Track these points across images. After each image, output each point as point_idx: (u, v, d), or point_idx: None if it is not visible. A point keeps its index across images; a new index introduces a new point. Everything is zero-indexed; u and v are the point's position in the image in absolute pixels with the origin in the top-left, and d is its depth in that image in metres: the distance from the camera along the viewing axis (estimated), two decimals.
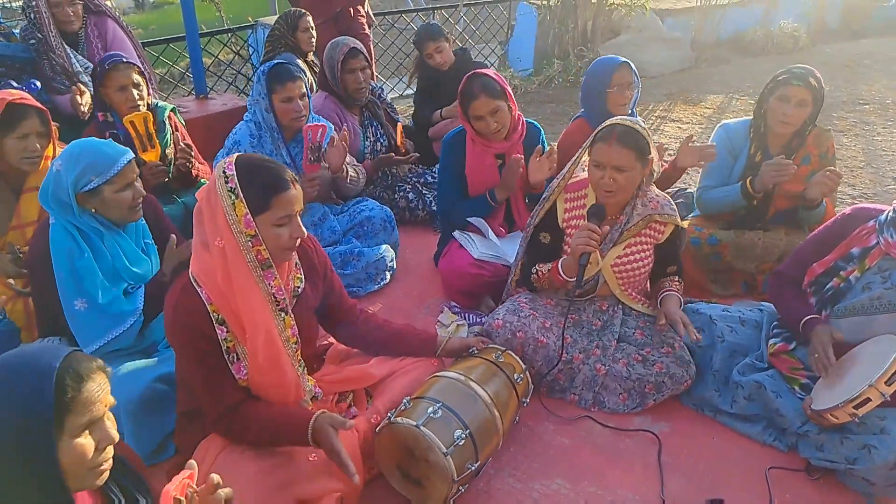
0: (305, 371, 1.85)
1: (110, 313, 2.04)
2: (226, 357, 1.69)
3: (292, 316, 1.78)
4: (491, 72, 2.71)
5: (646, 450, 2.12)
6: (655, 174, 2.31)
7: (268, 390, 1.76)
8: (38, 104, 2.41)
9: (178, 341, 1.69)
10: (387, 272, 3.10)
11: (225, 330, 1.68)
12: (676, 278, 2.39)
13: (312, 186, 2.78)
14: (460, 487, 1.80)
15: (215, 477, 1.21)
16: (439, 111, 3.96)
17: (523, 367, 2.11)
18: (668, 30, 7.87)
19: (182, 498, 1.15)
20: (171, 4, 13.78)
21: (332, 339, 2.20)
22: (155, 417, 1.97)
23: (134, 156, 2.10)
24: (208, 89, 4.64)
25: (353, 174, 3.07)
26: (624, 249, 2.29)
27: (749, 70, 7.52)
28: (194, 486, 1.19)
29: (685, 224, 2.90)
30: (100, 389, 1.14)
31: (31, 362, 1.08)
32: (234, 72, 5.52)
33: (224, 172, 1.64)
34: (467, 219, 2.88)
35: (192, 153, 2.99)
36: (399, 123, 3.62)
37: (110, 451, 1.17)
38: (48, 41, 3.09)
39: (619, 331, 2.31)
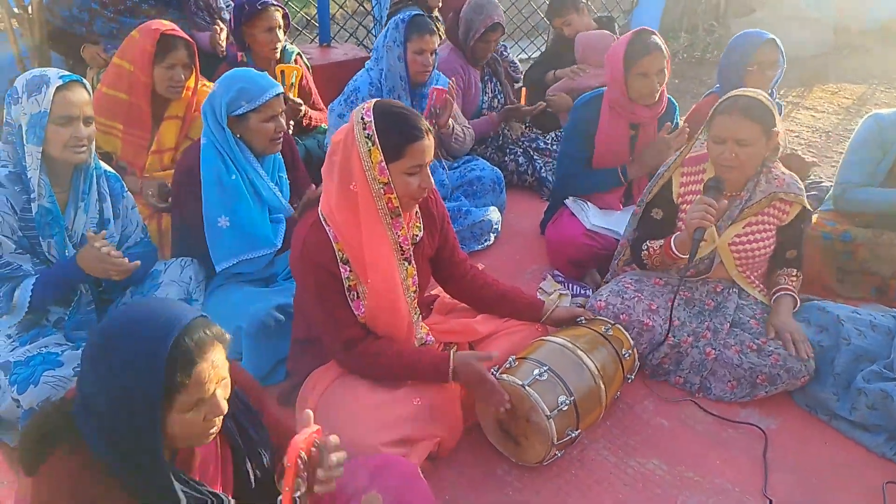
0: (420, 318, 1.89)
1: (251, 235, 2.16)
2: (347, 294, 1.75)
3: (415, 266, 1.82)
4: (657, 33, 2.59)
5: (751, 443, 2.04)
6: (781, 149, 2.16)
7: (381, 331, 1.81)
8: (187, 37, 2.53)
9: (303, 274, 1.76)
10: (491, 234, 3.10)
11: (348, 269, 1.73)
12: (794, 271, 2.25)
13: None
14: (557, 452, 1.81)
15: (335, 438, 1.22)
16: (552, 71, 3.83)
17: (631, 343, 2.07)
18: (808, 9, 7.27)
19: (305, 454, 1.16)
20: None
21: (438, 291, 2.23)
22: (271, 343, 2.09)
23: (282, 91, 2.18)
24: (330, 38, 4.72)
25: (458, 132, 3.08)
26: (743, 228, 2.17)
27: None
28: (318, 442, 1.21)
29: (815, 215, 2.72)
30: (212, 369, 1.09)
31: (146, 333, 1.04)
32: (357, 23, 5.59)
33: (362, 119, 1.67)
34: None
35: (302, 109, 3.06)
36: (523, 88, 3.56)
37: (219, 419, 1.15)
38: None
39: (732, 315, 2.20)
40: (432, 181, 1.74)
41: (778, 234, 2.21)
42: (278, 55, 3.04)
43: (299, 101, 3.02)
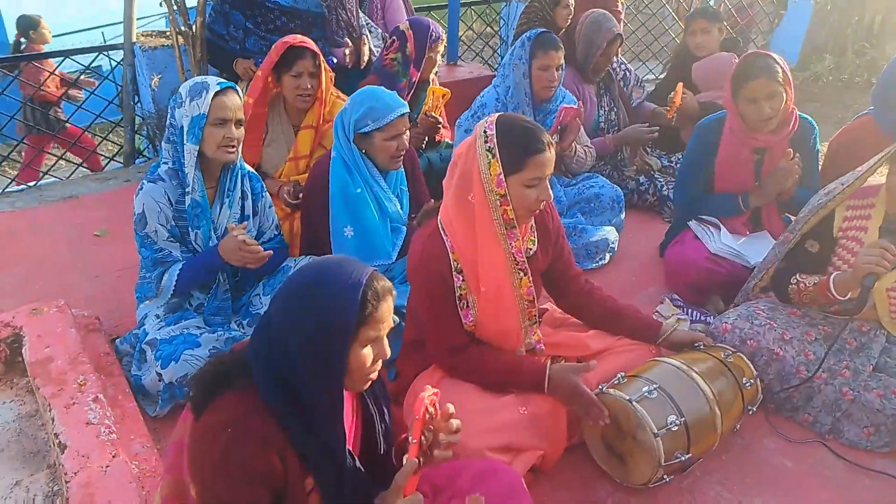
0: (535, 326, 1.90)
1: (371, 245, 2.28)
2: (457, 302, 1.79)
3: (530, 277, 1.83)
4: (774, 54, 2.48)
5: (887, 498, 1.84)
6: None
7: (488, 339, 1.84)
8: (315, 48, 2.70)
9: (419, 280, 1.83)
10: (607, 253, 3.04)
11: (461, 279, 1.78)
12: None
13: None
14: (665, 476, 1.74)
15: (451, 406, 1.31)
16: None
17: (754, 372, 1.95)
18: None
19: (432, 409, 1.26)
20: None
21: (548, 304, 2.22)
22: None
23: (409, 111, 2.28)
24: (458, 57, 4.87)
25: (580, 153, 3.07)
26: None
27: None
28: (437, 406, 1.30)
29: None
30: (389, 310, 1.24)
31: (344, 274, 1.20)
32: (483, 43, 5.73)
33: (485, 132, 1.72)
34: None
35: (439, 126, 3.20)
36: (680, 83, 3.44)
37: (380, 363, 1.29)
38: None
39: (877, 357, 2.02)
40: (551, 194, 1.75)
41: None
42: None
43: (439, 118, 3.16)
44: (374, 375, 1.28)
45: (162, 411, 2.09)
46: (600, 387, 1.80)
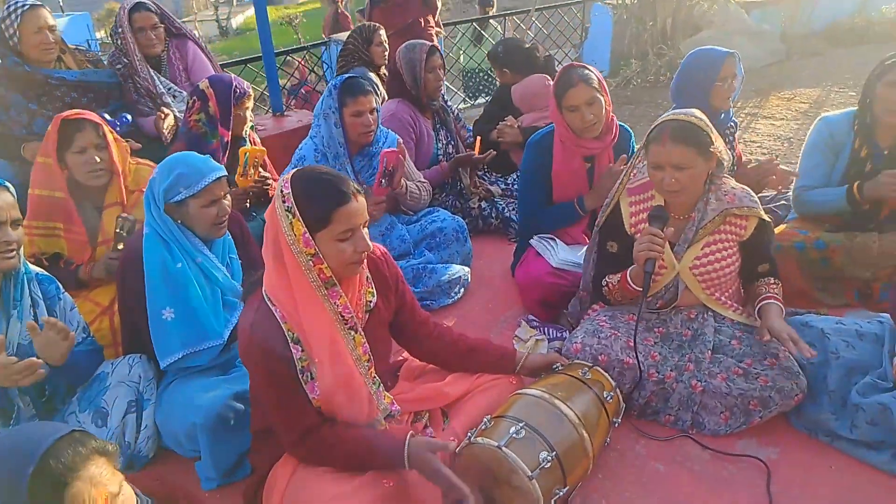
0: (381, 388, 1.77)
1: (198, 325, 2.04)
2: (300, 377, 1.63)
3: (363, 334, 1.71)
4: (587, 65, 2.59)
5: (752, 478, 1.91)
6: (727, 163, 2.10)
7: (340, 410, 1.69)
8: (93, 118, 2.42)
9: (253, 362, 1.65)
10: (460, 287, 3.00)
11: (300, 349, 1.63)
12: (772, 279, 2.16)
13: (379, 209, 2.80)
14: None
15: None
16: (495, 130, 3.64)
17: (613, 384, 1.96)
18: (755, 22, 7.46)
19: None
20: (252, 30, 14.45)
21: (406, 355, 2.12)
22: (231, 436, 1.94)
23: (225, 174, 2.10)
24: (284, 107, 4.71)
25: (413, 189, 3.03)
26: (702, 249, 2.10)
27: (846, 61, 6.99)
28: None
29: (784, 225, 2.69)
30: (92, 486, 1.00)
31: (5, 470, 0.95)
32: (310, 89, 5.62)
33: (281, 191, 1.59)
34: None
35: (270, 183, 3.01)
36: (478, 137, 3.52)
37: None
38: (133, 65, 3.21)
39: (712, 340, 2.10)
40: (369, 243, 1.64)
41: (742, 249, 2.13)
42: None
43: (267, 175, 2.98)
44: None
45: None
46: (468, 435, 1.72)
